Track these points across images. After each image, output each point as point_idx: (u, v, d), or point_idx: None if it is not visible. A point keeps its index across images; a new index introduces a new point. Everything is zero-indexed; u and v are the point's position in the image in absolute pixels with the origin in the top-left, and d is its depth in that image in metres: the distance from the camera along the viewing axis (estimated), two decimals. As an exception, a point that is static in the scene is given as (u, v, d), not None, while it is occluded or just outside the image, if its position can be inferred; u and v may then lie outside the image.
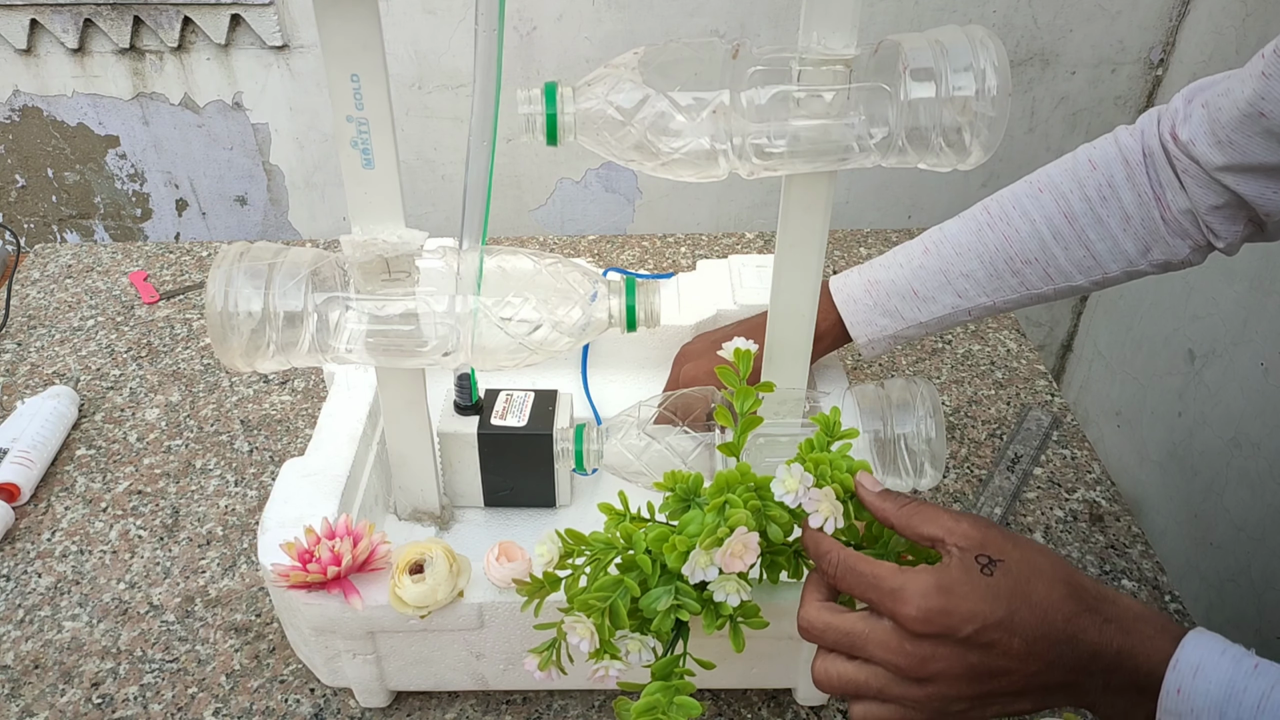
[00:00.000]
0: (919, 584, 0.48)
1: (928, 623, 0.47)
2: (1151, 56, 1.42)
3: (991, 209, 0.72)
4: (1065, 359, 1.71)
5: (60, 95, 1.40)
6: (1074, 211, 0.69)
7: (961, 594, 0.47)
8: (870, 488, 0.54)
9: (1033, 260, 0.71)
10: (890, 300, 0.74)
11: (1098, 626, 0.47)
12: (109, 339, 1.07)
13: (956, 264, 0.72)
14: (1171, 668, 0.46)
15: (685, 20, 1.36)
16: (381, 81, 0.56)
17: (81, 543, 0.84)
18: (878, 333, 0.75)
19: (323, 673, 0.70)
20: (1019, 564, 0.48)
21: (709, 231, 1.31)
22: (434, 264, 0.61)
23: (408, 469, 0.73)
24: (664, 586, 0.54)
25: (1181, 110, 0.66)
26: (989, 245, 0.72)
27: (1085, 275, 0.71)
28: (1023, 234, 0.71)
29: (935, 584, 0.48)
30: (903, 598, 0.48)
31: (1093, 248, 0.70)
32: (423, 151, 1.45)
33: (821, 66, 0.57)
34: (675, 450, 0.67)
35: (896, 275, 0.74)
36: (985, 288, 0.72)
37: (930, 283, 0.73)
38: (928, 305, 0.74)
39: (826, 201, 0.63)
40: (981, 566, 0.48)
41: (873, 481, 0.54)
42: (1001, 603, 0.47)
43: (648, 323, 0.63)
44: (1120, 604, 0.48)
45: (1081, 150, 0.72)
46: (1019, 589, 0.48)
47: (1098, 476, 0.91)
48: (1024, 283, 0.72)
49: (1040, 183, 0.71)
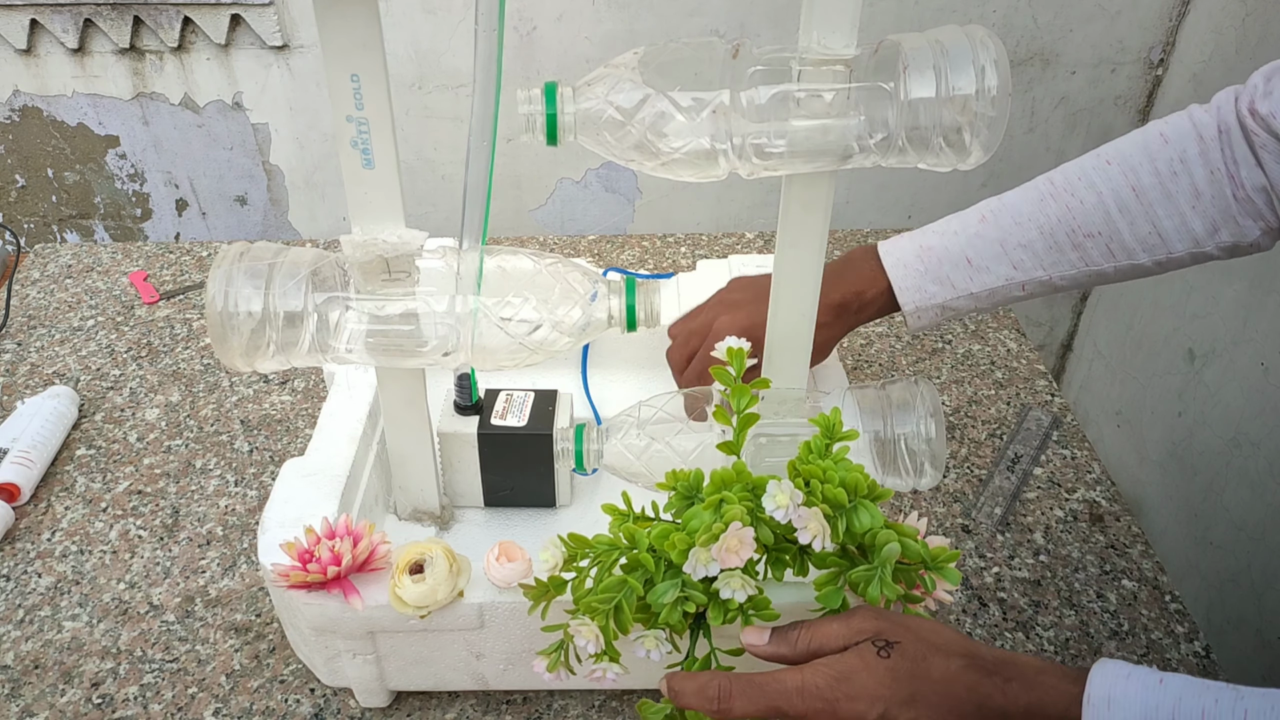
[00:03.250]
0: (818, 678, 0.49)
1: (833, 712, 0.48)
2: (1151, 56, 1.42)
3: (1055, 180, 0.70)
4: (1065, 359, 1.71)
5: (60, 95, 1.40)
6: (1142, 185, 0.67)
7: (860, 681, 0.49)
8: (757, 642, 0.53)
9: (1095, 234, 0.68)
10: (942, 267, 0.72)
11: (1000, 689, 0.48)
12: (109, 339, 1.07)
13: (1015, 234, 0.70)
14: (1086, 704, 0.46)
15: (685, 20, 1.36)
16: (381, 81, 0.56)
17: (81, 543, 0.84)
18: (926, 300, 0.73)
19: (323, 673, 0.70)
20: (915, 644, 0.50)
21: (709, 231, 1.31)
22: (434, 264, 0.61)
23: (408, 469, 0.73)
24: (670, 581, 0.54)
25: (1261, 86, 0.64)
26: (1050, 216, 0.69)
27: (1149, 254, 0.68)
28: (1087, 205, 0.68)
29: (834, 675, 0.49)
30: (807, 693, 0.49)
31: (1159, 224, 0.67)
32: (423, 151, 1.45)
33: (821, 66, 0.57)
34: (676, 450, 0.67)
35: (950, 242, 0.72)
36: (1043, 260, 0.70)
37: (986, 252, 0.71)
38: (981, 275, 0.71)
39: (826, 201, 0.63)
40: (878, 650, 0.49)
41: (757, 634, 0.54)
42: (903, 683, 0.48)
43: (648, 323, 0.63)
44: (1019, 663, 0.50)
45: (1153, 125, 0.69)
46: (918, 668, 0.49)
47: (1098, 476, 0.91)
48: (1085, 257, 0.69)
49: (1109, 155, 0.69)
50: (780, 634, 0.53)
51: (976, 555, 0.83)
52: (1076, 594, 0.80)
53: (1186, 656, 0.75)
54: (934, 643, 0.50)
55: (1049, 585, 0.80)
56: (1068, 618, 0.78)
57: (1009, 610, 0.78)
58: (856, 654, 0.50)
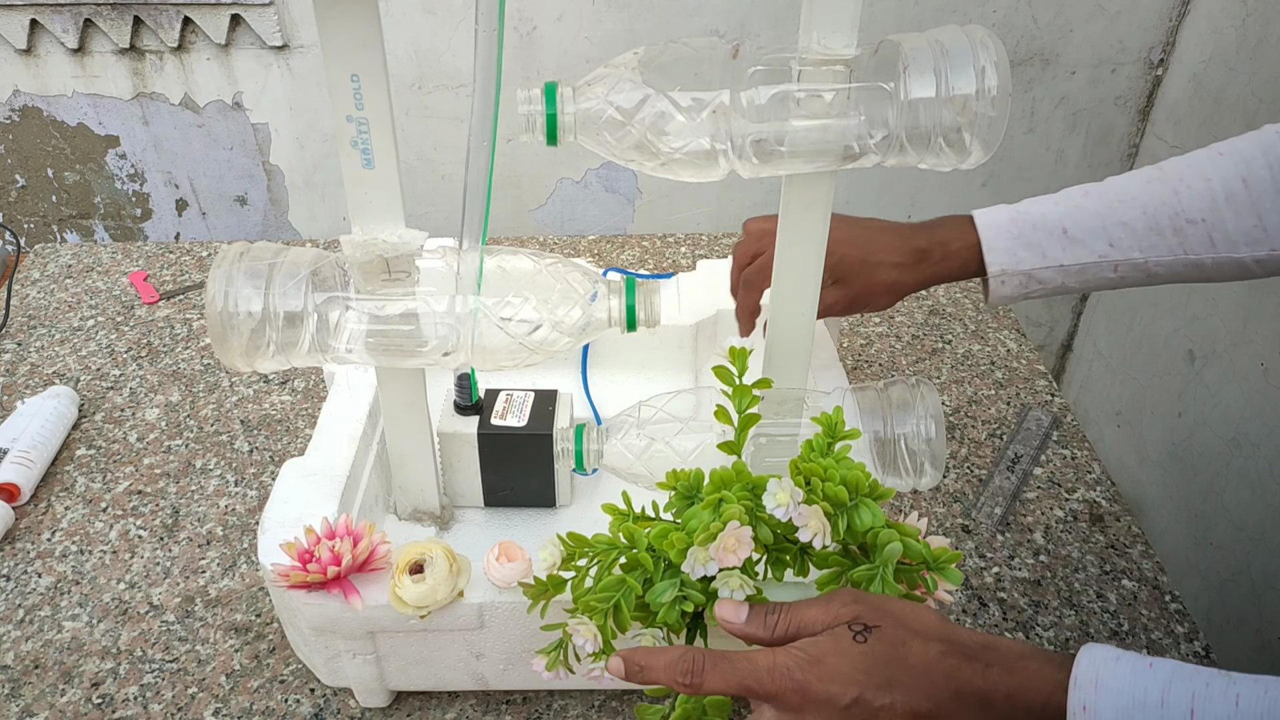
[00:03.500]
0: (790, 659, 0.48)
1: (804, 694, 0.47)
2: (1151, 56, 1.42)
3: (1165, 166, 0.69)
4: (1065, 359, 1.71)
5: (60, 95, 1.40)
6: (1253, 177, 0.66)
7: (833, 664, 0.47)
8: (733, 618, 0.52)
9: (1199, 220, 0.67)
10: (1037, 233, 0.70)
11: (981, 674, 0.47)
12: (109, 339, 1.07)
13: (1116, 210, 0.69)
14: (1072, 686, 0.45)
15: (685, 20, 1.36)
16: (381, 81, 0.56)
17: (81, 543, 0.84)
18: (1013, 265, 0.71)
19: (323, 673, 0.70)
20: (894, 628, 0.48)
21: (709, 231, 1.31)
22: (434, 264, 0.61)
23: (408, 469, 0.73)
24: (669, 580, 0.54)
25: None
26: (1155, 197, 0.68)
27: (1250, 248, 0.67)
28: (1195, 190, 0.67)
29: (808, 658, 0.48)
30: (778, 674, 0.48)
31: (1265, 218, 0.66)
32: (423, 151, 1.45)
33: (821, 66, 0.57)
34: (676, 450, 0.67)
35: (1049, 210, 0.71)
36: (1141, 241, 0.69)
37: (1084, 224, 0.69)
38: (1075, 248, 0.70)
39: (826, 201, 0.63)
40: (855, 634, 0.48)
41: (734, 610, 0.52)
42: (879, 667, 0.47)
43: (648, 323, 0.63)
44: (1000, 647, 0.48)
45: (1270, 125, 0.69)
46: (895, 653, 0.47)
47: (1098, 476, 0.91)
48: (1184, 244, 0.68)
49: (1222, 147, 0.69)
50: (757, 615, 0.52)
51: (976, 555, 0.83)
52: (1076, 594, 0.80)
53: (1186, 656, 0.75)
54: (913, 627, 0.49)
55: (1049, 585, 0.80)
56: (1068, 618, 0.78)
57: (1009, 610, 0.78)
58: (831, 637, 0.49)
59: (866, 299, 0.76)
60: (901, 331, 1.09)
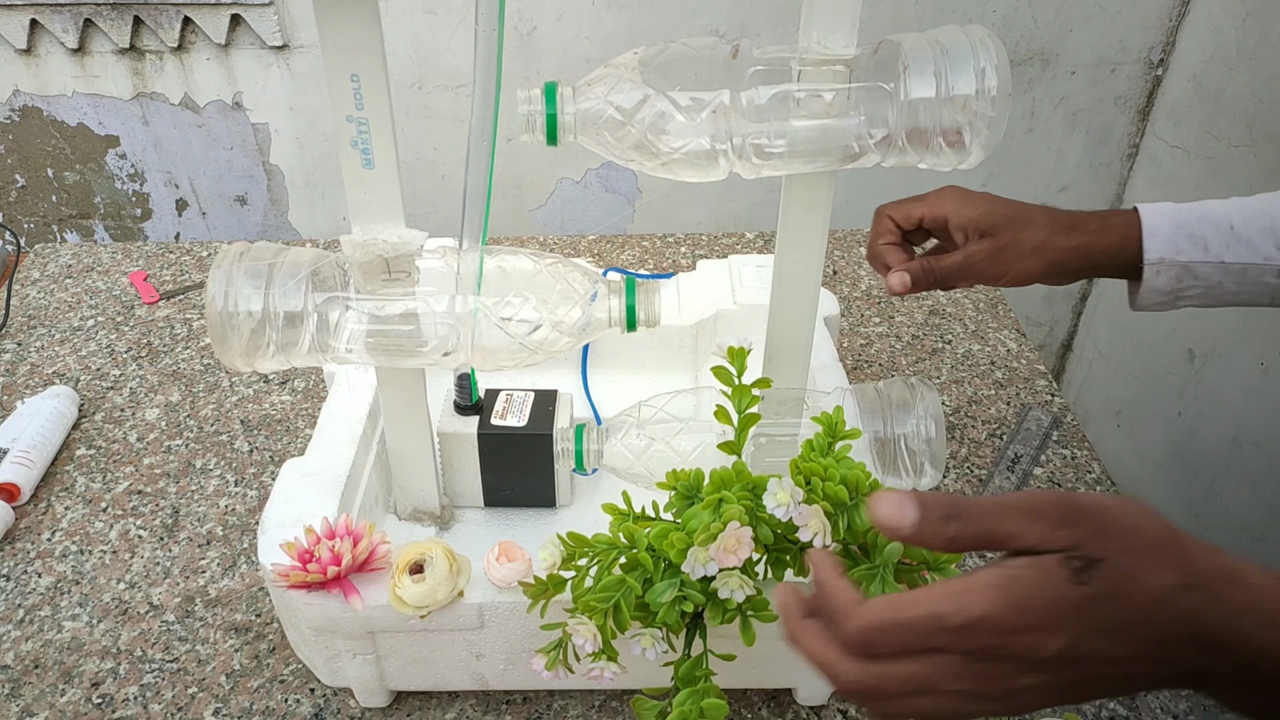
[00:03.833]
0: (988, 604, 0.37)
1: (1002, 648, 0.37)
2: (1151, 56, 1.42)
3: None
4: (1065, 359, 1.71)
5: (60, 95, 1.40)
6: None
7: (1038, 606, 0.37)
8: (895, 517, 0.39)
9: None
10: (1202, 226, 0.68)
11: (1225, 622, 0.37)
12: (109, 339, 1.07)
13: None
14: None
15: (685, 20, 1.36)
16: (381, 81, 0.56)
17: (81, 543, 0.84)
18: (1172, 254, 0.68)
19: (323, 673, 0.70)
20: (1122, 555, 0.37)
21: (709, 231, 1.31)
22: (434, 264, 0.62)
23: (408, 469, 0.73)
24: (669, 580, 0.54)
25: None
26: None
27: None
28: None
29: (1010, 602, 0.37)
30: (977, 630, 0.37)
31: None
32: (423, 151, 1.45)
33: (821, 66, 0.57)
34: (676, 450, 0.67)
35: (1216, 207, 0.68)
36: None
37: (1253, 223, 0.67)
38: (1238, 246, 0.67)
39: (826, 201, 0.63)
40: (1074, 571, 0.37)
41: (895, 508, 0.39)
42: (1099, 608, 0.37)
43: (648, 323, 0.63)
44: (1252, 587, 0.38)
45: None
46: (1120, 591, 0.37)
47: (1098, 476, 0.91)
48: None
49: None
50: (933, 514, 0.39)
51: (977, 555, 0.83)
52: (1076, 594, 0.79)
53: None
54: (1147, 550, 0.38)
55: (1049, 585, 0.80)
56: (1068, 618, 0.77)
57: (1009, 610, 0.78)
58: (1038, 568, 0.37)
59: (1012, 254, 0.70)
60: (901, 331, 1.09)
